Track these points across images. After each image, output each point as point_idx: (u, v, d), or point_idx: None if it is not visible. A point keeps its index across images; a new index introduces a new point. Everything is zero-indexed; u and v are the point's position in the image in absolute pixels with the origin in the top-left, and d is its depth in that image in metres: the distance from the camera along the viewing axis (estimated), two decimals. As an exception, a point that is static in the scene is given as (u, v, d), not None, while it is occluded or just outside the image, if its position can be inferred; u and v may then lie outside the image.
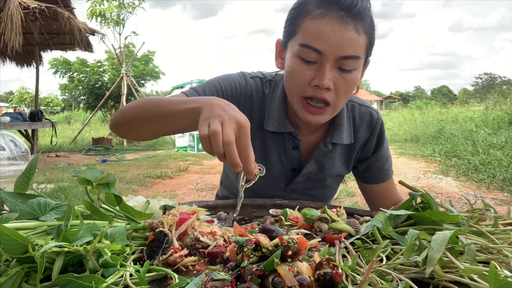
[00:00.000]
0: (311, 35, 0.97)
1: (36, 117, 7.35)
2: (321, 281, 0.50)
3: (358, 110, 1.22)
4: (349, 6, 0.96)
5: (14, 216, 0.61)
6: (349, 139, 1.20)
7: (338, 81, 0.99)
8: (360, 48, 0.98)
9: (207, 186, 5.18)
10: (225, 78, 1.17)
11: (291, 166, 1.20)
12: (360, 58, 0.99)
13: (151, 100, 1.01)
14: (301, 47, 0.99)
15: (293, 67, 1.02)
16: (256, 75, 1.21)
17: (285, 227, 0.80)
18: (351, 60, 0.98)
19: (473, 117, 10.30)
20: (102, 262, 0.54)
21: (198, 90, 1.13)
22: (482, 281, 0.52)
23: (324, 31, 0.95)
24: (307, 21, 0.99)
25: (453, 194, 4.64)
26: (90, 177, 0.68)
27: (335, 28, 0.95)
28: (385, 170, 1.26)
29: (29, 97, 31.48)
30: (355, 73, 1.01)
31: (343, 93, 1.02)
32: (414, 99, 58.04)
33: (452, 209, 0.78)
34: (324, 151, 1.18)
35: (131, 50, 13.04)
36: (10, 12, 6.13)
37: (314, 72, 0.99)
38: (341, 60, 0.97)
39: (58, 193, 4.35)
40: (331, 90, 1.00)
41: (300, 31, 1.00)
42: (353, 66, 0.99)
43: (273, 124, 1.15)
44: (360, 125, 1.22)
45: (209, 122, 0.80)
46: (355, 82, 1.03)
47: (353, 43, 0.96)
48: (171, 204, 0.82)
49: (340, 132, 1.17)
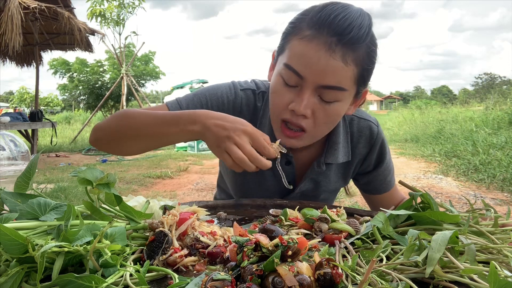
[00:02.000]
0: (295, 57, 0.92)
1: (36, 117, 7.35)
2: (321, 281, 0.50)
3: (357, 124, 1.15)
4: (341, 33, 0.87)
5: (14, 216, 0.61)
6: (345, 157, 1.14)
7: (317, 109, 0.94)
8: (345, 79, 0.90)
9: (207, 186, 5.18)
10: (213, 91, 1.12)
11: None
12: (345, 90, 0.92)
13: (138, 117, 0.97)
14: (284, 67, 0.94)
15: (275, 86, 0.98)
16: (248, 87, 1.15)
17: (285, 227, 0.80)
18: (333, 91, 0.91)
19: (473, 117, 10.29)
20: (102, 262, 0.54)
21: (182, 103, 1.09)
22: (482, 281, 0.52)
23: (308, 55, 0.89)
24: (295, 41, 0.93)
25: (453, 194, 4.64)
26: (90, 177, 0.68)
27: (320, 54, 0.88)
28: (387, 182, 1.23)
29: (29, 97, 31.48)
30: (337, 105, 0.94)
31: (323, 123, 0.96)
32: (414, 99, 58.06)
33: (452, 209, 0.78)
34: (318, 171, 1.14)
35: (131, 50, 13.05)
36: (10, 12, 6.13)
37: (293, 95, 0.94)
38: (322, 89, 0.91)
39: (58, 193, 4.35)
40: (308, 118, 0.95)
41: (288, 49, 0.95)
42: (335, 97, 0.92)
43: None
44: (358, 140, 1.16)
45: (226, 149, 0.85)
46: (338, 115, 0.97)
47: (337, 73, 0.89)
48: (171, 204, 0.82)
49: (335, 151, 1.11)
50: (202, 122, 0.89)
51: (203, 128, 0.89)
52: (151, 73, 14.54)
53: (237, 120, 0.89)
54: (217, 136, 0.87)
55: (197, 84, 9.80)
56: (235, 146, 0.85)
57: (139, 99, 11.46)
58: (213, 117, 0.89)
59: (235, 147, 0.85)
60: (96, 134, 1.04)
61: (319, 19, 0.89)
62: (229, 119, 0.89)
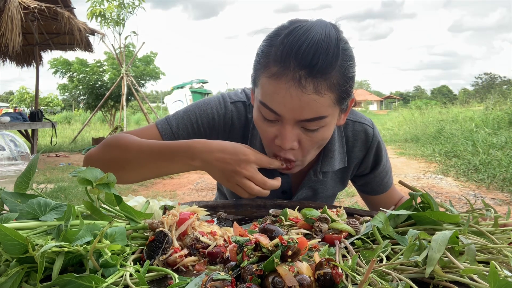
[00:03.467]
0: (268, 96, 0.88)
1: (36, 117, 7.36)
2: (321, 281, 0.50)
3: (352, 128, 1.13)
4: (308, 65, 0.82)
5: (14, 216, 0.61)
6: (341, 164, 1.12)
7: (302, 139, 0.91)
8: (324, 108, 0.87)
9: (207, 186, 5.18)
10: (202, 107, 1.09)
11: (281, 189, 1.14)
12: (325, 117, 0.88)
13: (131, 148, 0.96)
14: (260, 104, 0.91)
15: (257, 122, 0.96)
16: (238, 99, 1.12)
17: (285, 227, 0.80)
18: (314, 121, 0.88)
19: (473, 117, 10.30)
20: (102, 262, 0.54)
21: (172, 123, 1.07)
22: (482, 281, 0.52)
23: (280, 94, 0.85)
24: (264, 78, 0.89)
25: (453, 194, 4.64)
26: (90, 177, 0.68)
27: (291, 92, 0.84)
28: (384, 183, 1.22)
29: (29, 97, 31.48)
30: (322, 130, 0.91)
31: (311, 149, 0.95)
32: (414, 99, 58.04)
33: (452, 209, 0.78)
34: (314, 180, 1.12)
35: (131, 51, 13.05)
36: (10, 12, 6.13)
37: (276, 130, 0.92)
38: (303, 122, 0.88)
39: (58, 193, 4.35)
40: (295, 149, 0.93)
41: (259, 86, 0.92)
42: (318, 125, 0.89)
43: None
44: (354, 144, 1.14)
45: (238, 184, 0.89)
46: (325, 138, 0.95)
47: (313, 106, 0.85)
48: (171, 204, 0.82)
49: (331, 159, 1.09)
50: (202, 158, 0.89)
51: (204, 164, 0.90)
52: (151, 73, 14.53)
53: (237, 150, 0.90)
54: (223, 171, 0.89)
55: (197, 84, 9.80)
56: (246, 180, 0.87)
57: (139, 99, 11.46)
58: (212, 150, 0.89)
59: (247, 181, 0.87)
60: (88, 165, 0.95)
61: (283, 52, 0.84)
62: (229, 150, 0.90)
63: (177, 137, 1.07)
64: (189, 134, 1.08)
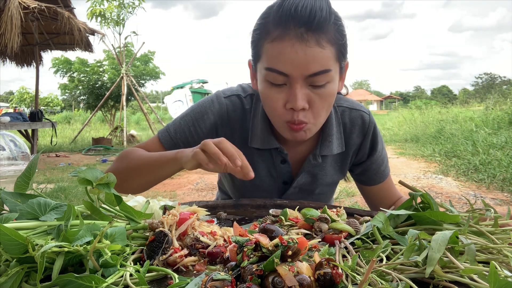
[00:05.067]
0: (273, 59, 0.94)
1: (36, 117, 7.35)
2: (321, 281, 0.50)
3: (349, 115, 1.17)
4: (307, 21, 0.89)
5: (14, 216, 0.61)
6: (340, 148, 1.16)
7: (312, 98, 0.96)
8: (327, 61, 0.93)
9: (207, 186, 5.18)
10: (197, 109, 1.15)
11: (282, 179, 1.18)
12: (330, 70, 0.94)
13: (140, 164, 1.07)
14: (267, 71, 0.96)
15: (265, 92, 1.00)
16: (232, 93, 1.17)
17: (285, 227, 0.80)
18: (321, 75, 0.93)
19: (473, 117, 10.29)
20: (102, 262, 0.54)
21: (171, 130, 1.15)
22: (482, 281, 0.52)
23: (286, 53, 0.91)
24: (267, 44, 0.95)
25: (453, 194, 4.64)
26: (90, 177, 0.68)
27: (296, 48, 0.90)
28: (381, 172, 1.24)
29: (29, 97, 31.48)
30: (329, 86, 0.96)
31: (321, 108, 0.98)
32: (414, 99, 58.04)
33: (452, 209, 0.78)
34: (314, 164, 1.15)
35: (130, 50, 13.05)
36: (10, 12, 6.13)
37: (286, 94, 0.96)
38: (311, 78, 0.93)
39: (58, 193, 4.35)
40: (307, 110, 0.97)
41: (263, 54, 0.97)
42: (324, 80, 0.94)
43: (257, 141, 1.13)
44: (351, 130, 1.17)
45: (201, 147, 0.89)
46: (332, 95, 0.99)
47: (319, 58, 0.91)
48: (171, 204, 0.82)
49: (329, 143, 1.13)
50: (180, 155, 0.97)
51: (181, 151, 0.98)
52: (151, 73, 14.52)
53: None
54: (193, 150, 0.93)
55: (197, 84, 9.80)
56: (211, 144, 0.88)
57: (139, 99, 11.46)
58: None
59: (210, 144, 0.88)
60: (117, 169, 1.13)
61: (282, 16, 0.92)
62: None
63: (176, 142, 1.14)
64: (187, 138, 1.14)
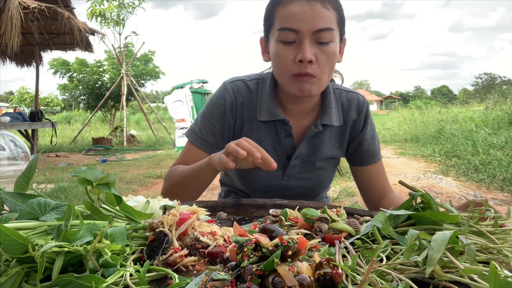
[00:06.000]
0: (286, 19, 1.10)
1: (36, 117, 7.35)
2: (321, 281, 0.50)
3: (346, 96, 1.32)
4: None
5: (14, 216, 0.61)
6: (338, 121, 1.28)
7: (318, 54, 1.10)
8: (331, 21, 1.10)
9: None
10: (209, 104, 1.30)
11: (286, 154, 1.28)
12: (333, 29, 1.10)
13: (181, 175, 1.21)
14: (279, 31, 1.11)
15: (277, 51, 1.14)
16: (236, 79, 1.32)
17: (285, 227, 0.80)
18: (326, 32, 1.09)
19: (473, 117, 10.29)
20: (102, 262, 0.54)
21: (196, 131, 1.29)
22: (482, 281, 0.52)
23: (296, 11, 1.08)
24: (280, 9, 1.12)
25: (453, 194, 4.64)
26: (90, 177, 0.68)
27: (304, 7, 1.08)
28: (372, 151, 1.33)
29: (29, 97, 31.48)
30: (332, 45, 1.11)
31: (325, 64, 1.12)
32: (414, 99, 58.00)
33: (452, 209, 0.78)
34: (314, 132, 1.25)
35: (130, 50, 13.04)
36: (10, 12, 6.13)
37: (295, 50, 1.10)
38: (317, 34, 1.08)
39: (58, 193, 4.35)
40: (314, 63, 1.10)
41: (276, 19, 1.13)
42: (329, 37, 1.10)
43: (264, 114, 1.24)
44: (348, 108, 1.31)
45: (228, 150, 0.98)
46: (334, 54, 1.13)
47: (324, 17, 1.08)
48: (171, 204, 0.82)
49: (329, 114, 1.25)
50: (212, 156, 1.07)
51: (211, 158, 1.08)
52: (151, 73, 14.52)
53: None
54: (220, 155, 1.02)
55: (197, 84, 9.78)
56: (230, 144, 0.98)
57: (139, 99, 11.46)
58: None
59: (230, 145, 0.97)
60: (165, 192, 1.26)
61: None
62: None
63: (206, 140, 1.27)
64: (212, 131, 1.27)
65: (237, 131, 1.29)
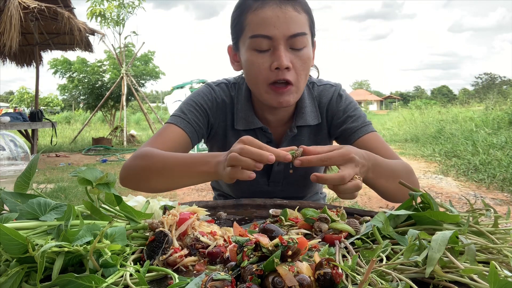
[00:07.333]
0: (257, 25, 1.05)
1: (36, 117, 7.35)
2: (321, 281, 0.50)
3: (318, 90, 1.27)
4: None
5: (14, 216, 0.61)
6: (315, 120, 1.23)
7: (293, 60, 1.06)
8: (303, 25, 1.07)
9: (207, 186, 5.17)
10: (196, 95, 1.24)
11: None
12: (306, 34, 1.08)
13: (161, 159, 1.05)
14: (251, 39, 1.07)
15: (250, 59, 1.09)
16: (221, 81, 1.29)
17: (285, 227, 0.80)
18: (300, 37, 1.06)
19: (473, 117, 10.29)
20: (102, 262, 0.54)
21: (180, 114, 1.19)
22: (482, 281, 0.52)
23: (268, 17, 1.04)
24: (250, 15, 1.07)
25: (453, 194, 4.64)
26: (90, 177, 0.68)
27: (276, 12, 1.04)
28: (360, 122, 1.20)
29: (29, 97, 31.48)
30: (306, 50, 1.08)
31: (301, 70, 1.08)
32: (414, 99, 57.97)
33: (452, 209, 0.78)
34: (290, 135, 1.22)
35: (130, 50, 13.04)
36: (9, 12, 6.13)
37: (270, 57, 1.06)
38: (291, 40, 1.05)
39: (58, 193, 4.35)
40: (290, 70, 1.06)
41: (247, 26, 1.08)
42: (303, 43, 1.07)
43: (242, 123, 1.21)
44: (320, 100, 1.26)
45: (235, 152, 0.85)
46: (309, 59, 1.10)
47: (296, 21, 1.05)
48: (171, 204, 0.82)
49: (303, 114, 1.21)
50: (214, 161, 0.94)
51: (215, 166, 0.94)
52: (151, 73, 14.52)
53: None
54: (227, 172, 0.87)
55: (197, 84, 9.78)
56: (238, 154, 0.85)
57: (139, 99, 11.46)
58: (221, 154, 0.95)
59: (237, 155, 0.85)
60: (124, 173, 1.12)
61: None
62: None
63: (190, 122, 1.18)
64: (197, 116, 1.20)
65: (215, 133, 1.25)
